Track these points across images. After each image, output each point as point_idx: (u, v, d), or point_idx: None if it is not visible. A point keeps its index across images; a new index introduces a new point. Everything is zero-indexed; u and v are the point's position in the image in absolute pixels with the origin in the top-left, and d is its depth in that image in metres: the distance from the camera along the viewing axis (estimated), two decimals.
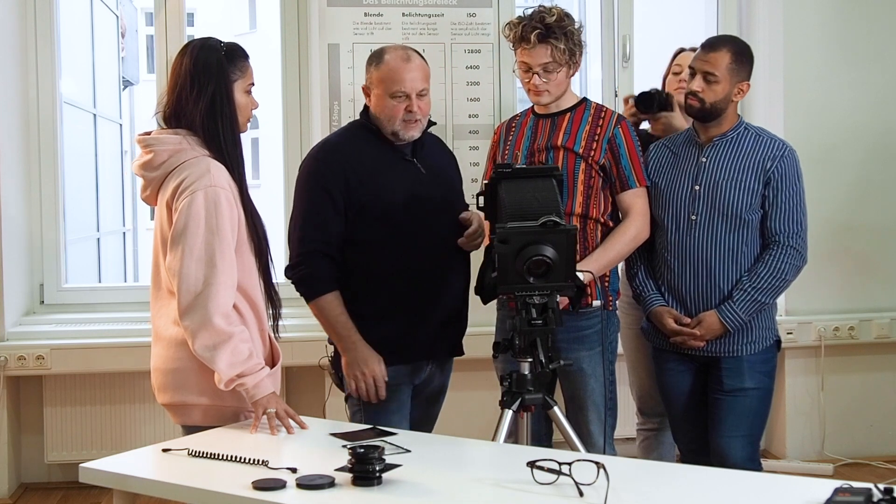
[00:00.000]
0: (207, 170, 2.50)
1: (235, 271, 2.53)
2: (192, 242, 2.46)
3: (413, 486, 2.07)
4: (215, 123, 2.54)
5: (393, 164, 3.01)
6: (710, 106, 3.11)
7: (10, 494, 4.25)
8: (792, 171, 3.14)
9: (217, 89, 2.54)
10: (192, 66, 2.55)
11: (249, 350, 2.52)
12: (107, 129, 7.11)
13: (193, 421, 2.61)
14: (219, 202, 2.48)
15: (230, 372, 2.47)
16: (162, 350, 2.62)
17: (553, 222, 2.57)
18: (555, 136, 3.19)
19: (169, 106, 2.59)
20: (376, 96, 2.99)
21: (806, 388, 4.67)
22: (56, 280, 4.50)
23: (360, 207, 2.95)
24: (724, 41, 3.18)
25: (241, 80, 2.60)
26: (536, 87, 3.15)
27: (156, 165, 2.56)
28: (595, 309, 3.16)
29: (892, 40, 4.63)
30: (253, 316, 2.62)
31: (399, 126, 2.96)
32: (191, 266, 2.46)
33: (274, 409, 2.52)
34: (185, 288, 2.47)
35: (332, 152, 3.04)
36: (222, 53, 2.57)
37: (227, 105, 2.56)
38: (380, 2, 4.28)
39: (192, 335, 2.47)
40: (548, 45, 3.09)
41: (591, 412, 3.16)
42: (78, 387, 4.35)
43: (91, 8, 6.50)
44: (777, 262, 3.11)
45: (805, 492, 1.99)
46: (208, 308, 2.45)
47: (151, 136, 2.60)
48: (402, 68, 2.93)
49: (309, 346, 4.14)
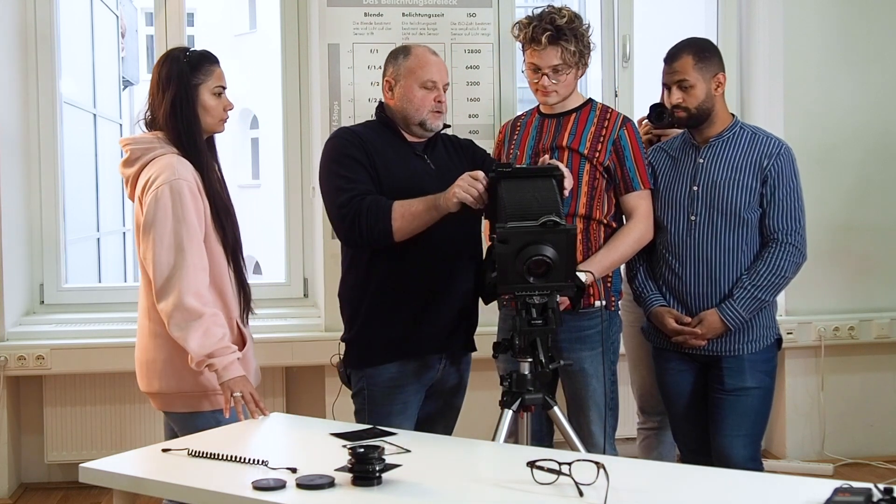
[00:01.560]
0: (171, 164, 2.72)
1: (205, 255, 2.71)
2: (161, 232, 2.66)
3: (413, 486, 2.07)
4: (176, 121, 2.77)
5: (404, 157, 3.02)
6: (697, 110, 3.14)
7: (10, 494, 4.25)
8: (788, 168, 3.14)
9: (178, 93, 2.77)
10: (158, 75, 2.81)
11: (223, 333, 2.67)
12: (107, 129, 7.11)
13: (171, 408, 2.81)
14: (182, 193, 2.68)
15: (200, 352, 2.62)
16: (139, 340, 2.83)
17: (553, 222, 2.57)
18: (560, 137, 3.19)
19: (148, 112, 2.86)
20: (404, 87, 3.01)
21: (806, 388, 4.67)
22: (56, 280, 4.50)
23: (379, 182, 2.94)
24: (680, 47, 3.20)
25: (207, 83, 2.82)
26: (545, 89, 3.15)
27: (131, 161, 2.80)
28: (597, 309, 3.15)
29: (891, 40, 4.63)
30: (220, 302, 2.77)
31: (428, 115, 3.01)
32: (161, 254, 2.66)
33: (240, 393, 2.64)
34: (158, 273, 2.66)
35: (350, 133, 3.06)
36: (185, 62, 2.80)
37: (187, 105, 2.78)
38: (380, 2, 4.28)
39: (168, 317, 2.65)
40: (558, 46, 3.09)
41: (593, 412, 3.16)
42: (78, 387, 4.35)
43: (91, 8, 6.50)
44: (776, 260, 3.12)
45: (805, 492, 1.98)
46: (180, 288, 2.63)
47: (130, 137, 2.89)
48: (432, 60, 3.03)
49: (309, 346, 4.16)
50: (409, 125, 3.03)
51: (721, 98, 3.18)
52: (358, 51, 4.23)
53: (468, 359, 3.17)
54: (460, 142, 3.27)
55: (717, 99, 3.16)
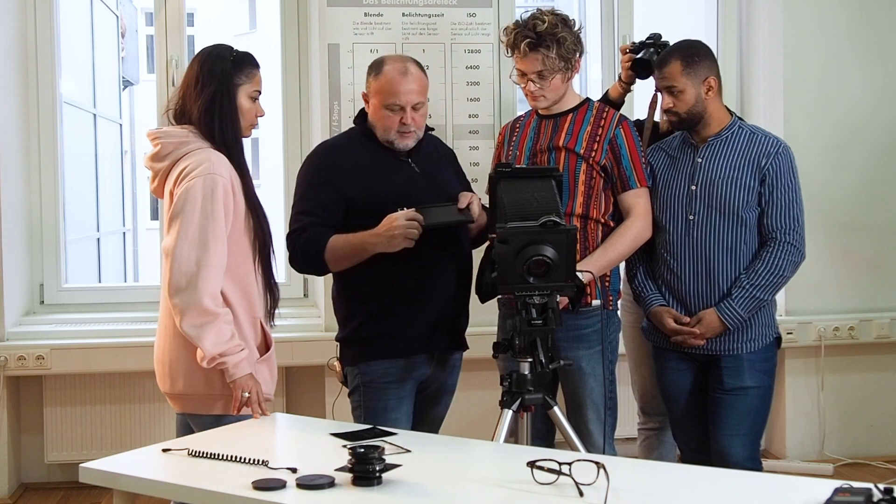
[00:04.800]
0: (208, 158, 2.66)
1: (226, 256, 2.66)
2: (187, 224, 2.62)
3: (413, 486, 2.07)
4: (212, 118, 2.71)
5: (387, 164, 3.04)
6: (687, 114, 3.15)
7: (10, 494, 4.25)
8: (787, 167, 3.14)
9: (218, 89, 2.72)
10: (199, 69, 2.74)
11: (231, 332, 2.66)
12: (107, 129, 7.12)
13: (189, 409, 2.75)
14: (216, 188, 2.63)
15: (213, 350, 2.61)
16: (161, 341, 2.77)
17: (553, 222, 2.57)
18: (556, 137, 3.20)
19: (177, 104, 2.79)
20: (373, 105, 3.04)
21: (806, 387, 4.67)
22: (56, 280, 4.50)
23: (351, 202, 2.98)
24: (669, 53, 3.21)
25: (246, 86, 2.77)
26: (532, 93, 3.17)
27: (162, 156, 2.74)
28: (595, 308, 3.16)
29: (892, 40, 4.63)
30: (245, 303, 2.74)
31: (394, 136, 3.01)
32: (184, 247, 2.61)
33: (248, 394, 2.65)
34: (177, 267, 2.61)
35: (327, 152, 3.12)
36: (230, 60, 2.75)
37: (226, 103, 2.73)
38: (380, 2, 4.28)
39: (181, 313, 2.61)
40: (539, 53, 3.10)
41: (591, 412, 3.17)
42: (78, 387, 4.35)
43: (91, 8, 6.50)
44: (775, 259, 3.12)
45: (805, 492, 1.99)
46: (199, 289, 2.60)
47: (159, 130, 2.79)
48: (398, 81, 2.97)
49: (309, 346, 4.16)
50: (381, 140, 3.05)
51: (715, 99, 3.18)
52: (358, 51, 4.23)
53: (458, 357, 3.18)
54: (445, 148, 3.31)
55: (710, 101, 3.16)
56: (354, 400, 3.08)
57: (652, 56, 3.46)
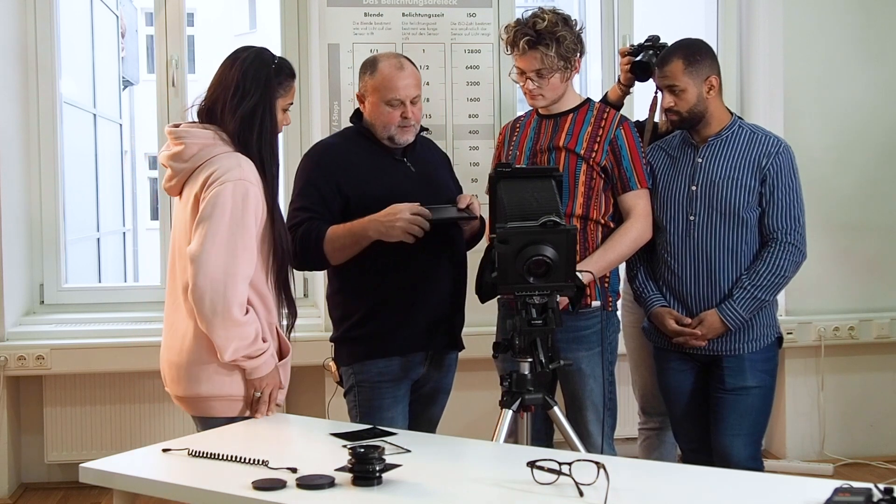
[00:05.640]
0: (238, 164, 2.59)
1: (254, 264, 2.60)
2: (216, 230, 2.54)
3: (413, 486, 2.07)
4: (251, 131, 2.63)
5: (382, 163, 3.05)
6: (688, 113, 3.15)
7: (10, 494, 4.25)
8: (787, 167, 3.14)
9: (260, 101, 2.64)
10: (240, 75, 2.65)
11: (255, 332, 2.60)
12: (107, 129, 7.12)
13: (209, 412, 2.67)
14: (247, 195, 2.56)
15: (237, 354, 2.58)
16: (177, 343, 2.67)
17: (553, 222, 2.57)
18: (557, 137, 3.19)
19: (206, 102, 2.69)
20: (371, 104, 3.03)
21: (806, 387, 4.67)
22: (56, 280, 4.50)
23: (347, 201, 2.99)
24: (671, 51, 3.20)
25: (282, 98, 2.71)
26: (531, 92, 3.17)
27: (185, 158, 2.64)
28: (594, 309, 3.16)
29: (892, 40, 4.63)
30: (263, 308, 2.68)
31: (395, 131, 3.02)
32: (211, 252, 2.53)
33: (259, 394, 2.64)
34: (203, 272, 2.53)
35: (324, 150, 3.14)
36: (272, 68, 2.67)
37: (267, 117, 2.66)
38: (380, 2, 4.28)
39: (207, 321, 2.54)
40: (538, 51, 3.10)
41: (590, 412, 3.17)
42: (78, 387, 4.35)
43: (91, 8, 6.51)
44: (776, 259, 3.12)
45: (805, 492, 1.99)
46: (228, 298, 2.53)
47: (182, 128, 2.68)
48: (396, 76, 2.99)
49: (309, 346, 4.15)
50: (380, 138, 3.06)
51: (716, 99, 3.18)
52: (358, 51, 4.23)
53: (454, 357, 3.19)
54: (440, 152, 3.32)
55: (711, 100, 3.16)
56: (350, 400, 3.09)
57: (651, 59, 3.46)
